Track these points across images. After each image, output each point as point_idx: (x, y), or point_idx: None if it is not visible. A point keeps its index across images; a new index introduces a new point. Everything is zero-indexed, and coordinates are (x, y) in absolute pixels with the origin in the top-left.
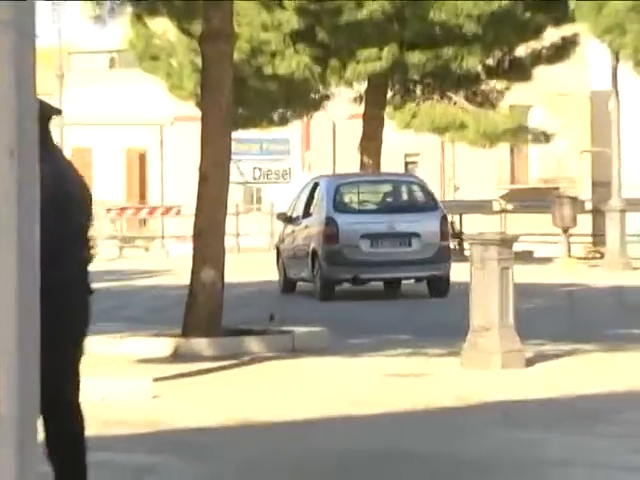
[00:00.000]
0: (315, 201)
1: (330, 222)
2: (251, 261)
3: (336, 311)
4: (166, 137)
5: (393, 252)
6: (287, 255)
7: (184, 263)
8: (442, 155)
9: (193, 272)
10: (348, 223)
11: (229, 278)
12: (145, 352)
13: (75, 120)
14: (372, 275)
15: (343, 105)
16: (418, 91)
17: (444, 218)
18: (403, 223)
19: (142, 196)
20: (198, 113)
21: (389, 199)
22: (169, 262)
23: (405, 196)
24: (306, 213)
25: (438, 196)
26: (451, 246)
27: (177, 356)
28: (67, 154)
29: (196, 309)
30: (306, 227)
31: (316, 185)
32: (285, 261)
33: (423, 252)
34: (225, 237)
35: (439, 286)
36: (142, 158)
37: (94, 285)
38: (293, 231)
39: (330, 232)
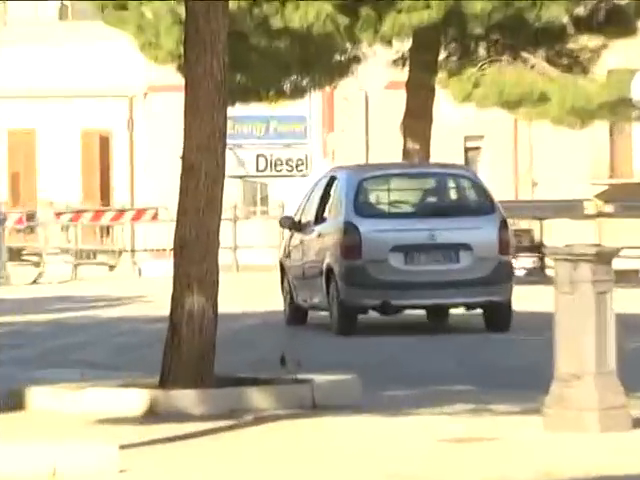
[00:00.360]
0: (331, 201)
1: (350, 229)
2: (254, 283)
3: (363, 350)
4: (137, 114)
5: (434, 270)
6: (294, 274)
7: (162, 286)
8: (515, 139)
9: (175, 299)
10: (374, 231)
11: (224, 307)
12: (110, 409)
13: (11, 92)
14: (406, 301)
15: (379, 70)
16: (481, 51)
17: (504, 224)
18: (448, 231)
19: (104, 195)
20: (181, 81)
21: (430, 199)
22: (141, 285)
23: (451, 195)
24: (319, 217)
25: (510, 194)
26: (514, 262)
27: (153, 415)
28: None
29: (179, 350)
30: (319, 236)
31: (333, 180)
32: (292, 282)
33: (475, 270)
34: (219, 251)
35: (497, 316)
36: (104, 143)
37: (38, 316)
38: (302, 242)
39: (350, 243)
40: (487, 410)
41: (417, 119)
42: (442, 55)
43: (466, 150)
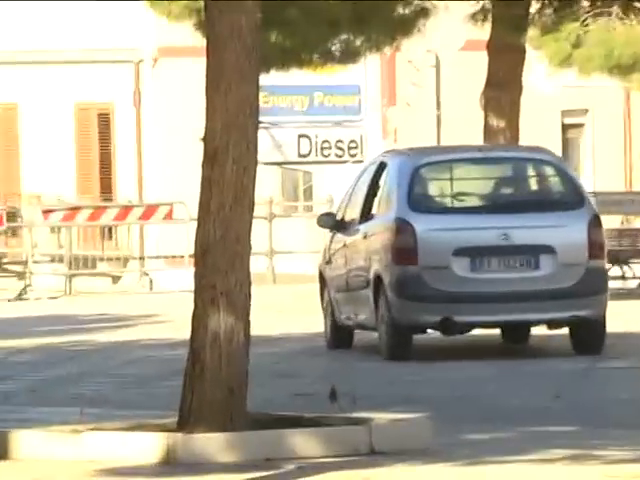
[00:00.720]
0: (380, 194)
1: (402, 228)
2: (295, 297)
3: (427, 381)
4: (145, 85)
5: (508, 279)
6: (336, 285)
7: (179, 303)
8: (627, 113)
9: (196, 318)
10: (433, 230)
11: (259, 327)
12: (116, 456)
13: None
14: (473, 317)
15: (453, 27)
16: (584, 1)
17: (595, 221)
18: (525, 230)
19: (105, 188)
20: (201, 43)
21: (503, 190)
22: (153, 301)
23: (530, 185)
24: (366, 214)
25: (620, 183)
26: (626, 270)
27: (170, 464)
28: None
29: (202, 382)
30: (365, 237)
31: (383, 167)
32: (333, 295)
33: (559, 279)
34: (251, 258)
35: (587, 336)
36: (105, 122)
37: (24, 341)
38: (345, 245)
39: (403, 245)
40: (593, 457)
41: (502, 89)
42: (534, 7)
43: (564, 128)
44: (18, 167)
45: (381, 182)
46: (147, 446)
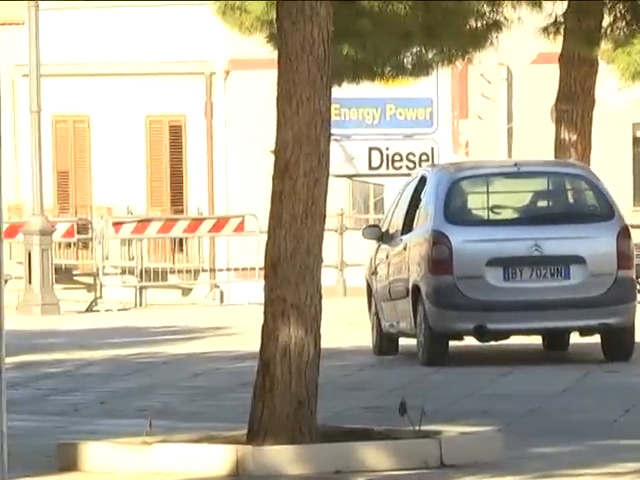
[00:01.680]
0: (420, 206)
1: (438, 239)
2: (366, 310)
3: (493, 393)
4: (217, 97)
5: (540, 288)
6: (380, 295)
7: (249, 315)
8: None
9: (266, 330)
10: (467, 241)
11: (329, 340)
12: (185, 469)
13: (58, 69)
14: (505, 325)
15: (525, 40)
16: None
17: (624, 232)
18: (556, 241)
19: (176, 200)
20: (273, 55)
21: (536, 203)
22: (224, 313)
23: (562, 198)
24: (407, 226)
25: None
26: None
27: (239, 476)
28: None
29: (272, 395)
30: (405, 248)
31: (424, 180)
32: (379, 304)
33: (589, 288)
34: (322, 270)
35: (616, 343)
36: (176, 134)
37: (94, 353)
38: (388, 255)
39: (438, 256)
40: None
41: (574, 102)
42: (607, 20)
43: (635, 141)
44: (89, 179)
45: (422, 195)
46: (216, 458)
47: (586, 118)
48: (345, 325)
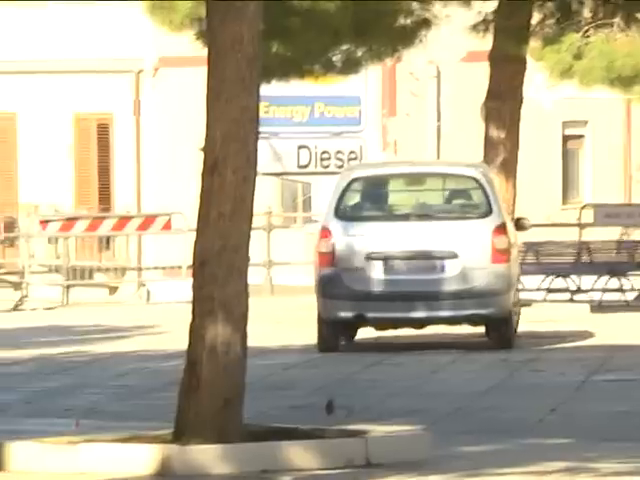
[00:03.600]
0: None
1: (323, 234)
2: (293, 308)
3: (421, 392)
4: (145, 95)
5: (418, 280)
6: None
7: (176, 314)
8: (627, 125)
9: (193, 329)
10: (350, 235)
11: (256, 339)
12: (111, 468)
13: None
14: (384, 314)
15: (454, 38)
16: (586, 13)
17: (501, 229)
18: (433, 237)
19: (104, 198)
20: (202, 53)
21: (420, 202)
22: (150, 312)
23: (446, 197)
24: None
25: (619, 195)
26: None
27: (165, 475)
28: None
29: (198, 394)
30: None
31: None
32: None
33: (463, 280)
34: (249, 269)
35: (496, 332)
36: (104, 131)
37: (20, 352)
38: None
39: (323, 249)
40: (587, 469)
41: (503, 100)
42: (536, 18)
43: (565, 139)
44: (16, 177)
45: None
46: (142, 458)
47: (515, 116)
48: (272, 324)
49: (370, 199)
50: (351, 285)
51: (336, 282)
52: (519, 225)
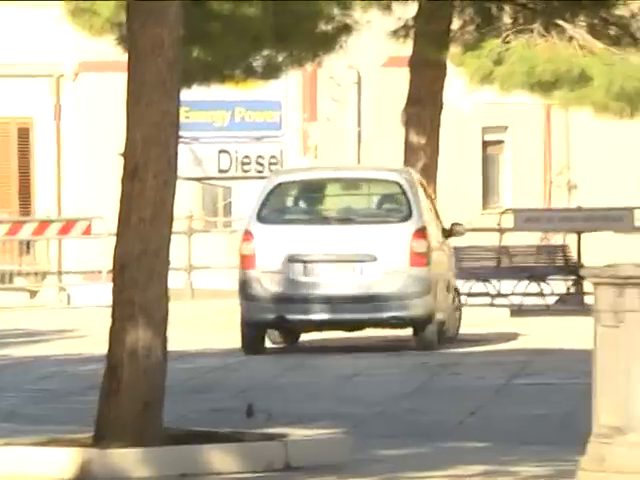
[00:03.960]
0: None
1: (245, 237)
2: (214, 312)
3: (342, 396)
4: (65, 99)
5: (336, 283)
6: None
7: (96, 318)
8: (547, 131)
9: (113, 333)
10: (271, 239)
11: (176, 343)
12: (29, 473)
13: None
14: (304, 316)
15: (375, 44)
16: (506, 18)
17: (420, 233)
18: (352, 241)
19: (24, 202)
20: (122, 57)
21: (343, 206)
22: (70, 316)
23: (368, 202)
24: None
25: (539, 200)
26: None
27: (86, 479)
28: None
29: (118, 397)
30: None
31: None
32: None
33: (382, 284)
34: (169, 273)
35: (420, 334)
36: (24, 136)
37: None
38: None
39: (244, 251)
40: (506, 473)
41: (423, 105)
42: (456, 23)
43: (485, 145)
44: None
45: None
46: (62, 461)
47: (435, 121)
48: (192, 328)
49: (293, 203)
50: (272, 288)
51: (257, 285)
52: (453, 231)
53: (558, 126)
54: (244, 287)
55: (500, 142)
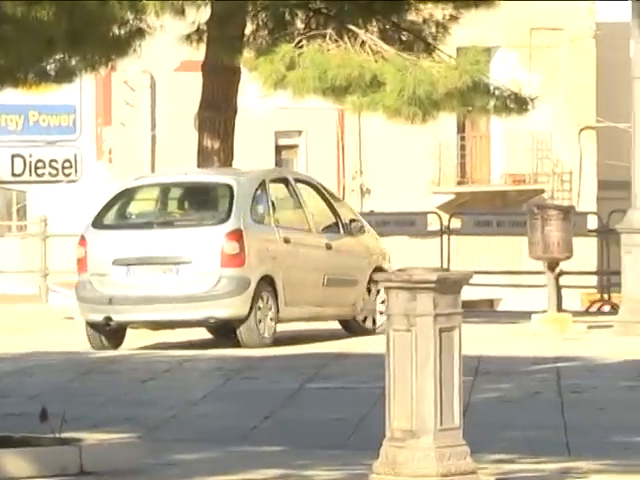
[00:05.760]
0: None
1: (81, 242)
2: (9, 316)
3: (137, 400)
4: None
5: (155, 285)
6: None
7: None
8: (340, 135)
9: None
10: (100, 243)
11: None
12: None
13: None
14: (127, 316)
15: (168, 48)
16: (299, 23)
17: (232, 234)
18: (169, 244)
19: None
20: None
21: (167, 210)
22: None
23: (193, 206)
24: None
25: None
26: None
27: None
28: None
29: None
30: None
31: None
32: None
33: (196, 284)
34: None
35: (235, 335)
36: None
37: None
38: None
39: (78, 255)
40: (301, 477)
41: (216, 110)
42: (249, 28)
43: (278, 149)
44: None
45: None
46: None
47: (229, 126)
48: None
49: (124, 209)
50: (100, 289)
51: (88, 287)
52: (351, 229)
53: (351, 131)
54: (78, 289)
55: (294, 146)
